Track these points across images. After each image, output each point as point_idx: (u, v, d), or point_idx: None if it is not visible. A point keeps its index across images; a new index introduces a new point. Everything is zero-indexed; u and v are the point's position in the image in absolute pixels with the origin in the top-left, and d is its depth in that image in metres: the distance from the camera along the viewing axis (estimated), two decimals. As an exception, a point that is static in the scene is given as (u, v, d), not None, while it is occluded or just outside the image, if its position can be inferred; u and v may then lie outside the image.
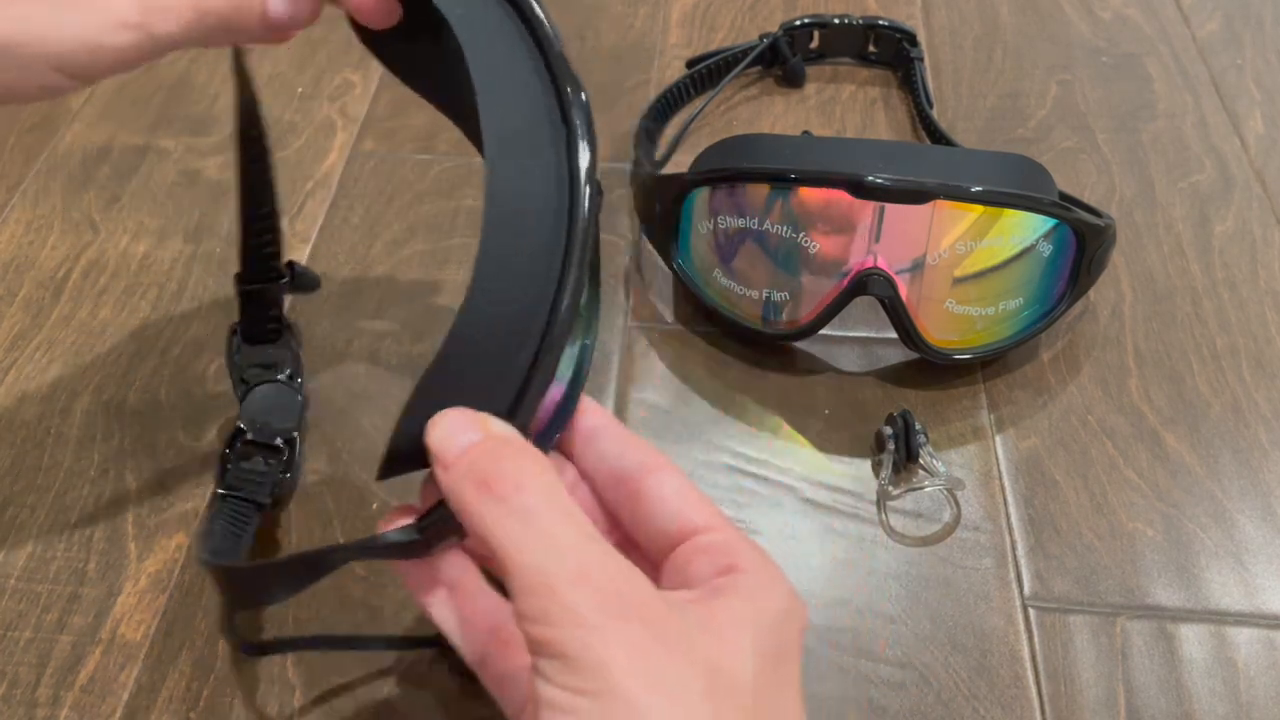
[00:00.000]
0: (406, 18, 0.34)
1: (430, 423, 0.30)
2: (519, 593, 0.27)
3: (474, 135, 0.32)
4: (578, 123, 0.31)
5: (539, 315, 0.30)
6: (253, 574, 0.37)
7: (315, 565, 0.33)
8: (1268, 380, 0.49)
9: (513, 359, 0.30)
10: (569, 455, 0.34)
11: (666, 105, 0.62)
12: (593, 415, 0.34)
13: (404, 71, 0.39)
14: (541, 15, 0.32)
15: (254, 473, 0.42)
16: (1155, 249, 0.55)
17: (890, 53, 0.66)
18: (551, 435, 0.33)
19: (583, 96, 0.31)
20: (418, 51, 0.36)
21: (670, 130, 0.62)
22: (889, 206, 0.44)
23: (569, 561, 0.27)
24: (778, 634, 0.28)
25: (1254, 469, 0.46)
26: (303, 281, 0.46)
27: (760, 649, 0.27)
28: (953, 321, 0.47)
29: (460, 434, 0.29)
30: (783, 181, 0.45)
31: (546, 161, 0.30)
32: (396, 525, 0.31)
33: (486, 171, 0.30)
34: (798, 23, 0.65)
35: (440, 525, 0.31)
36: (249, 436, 0.43)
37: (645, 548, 0.32)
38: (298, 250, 0.55)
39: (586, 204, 0.30)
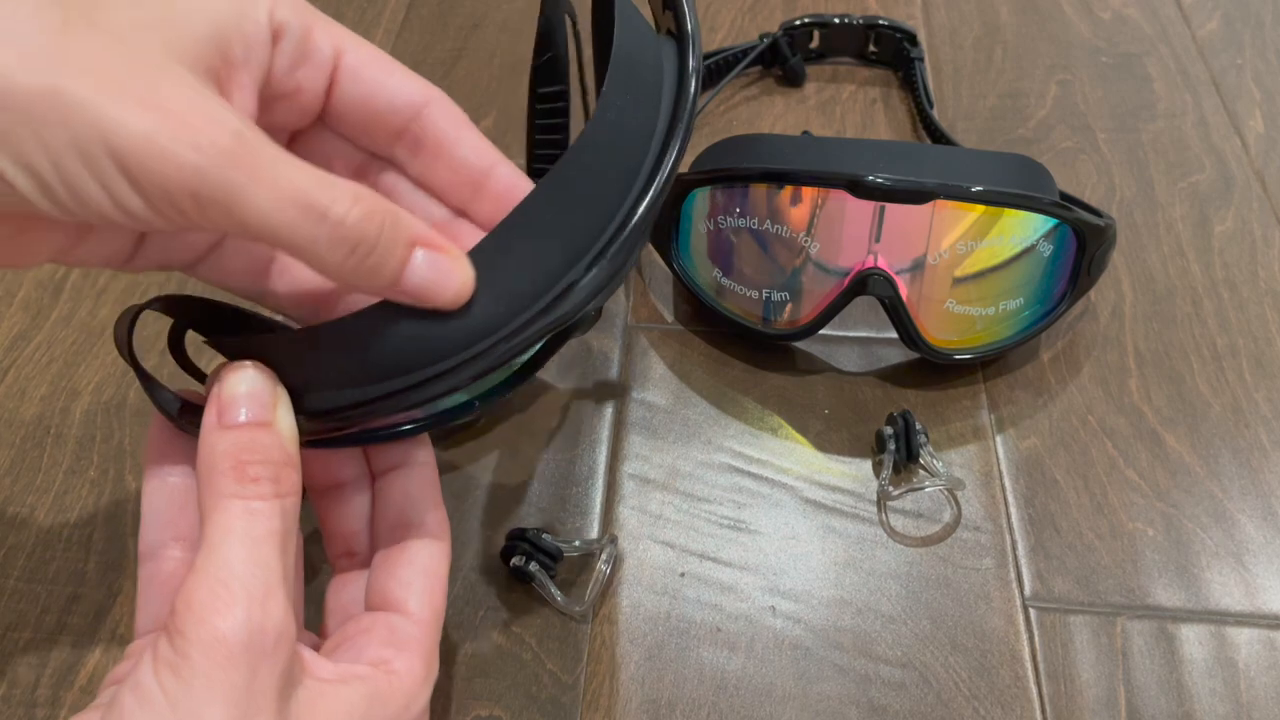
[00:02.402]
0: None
1: (228, 371, 0.30)
2: (198, 567, 0.27)
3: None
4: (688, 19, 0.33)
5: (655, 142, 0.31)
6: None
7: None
8: (1268, 380, 0.49)
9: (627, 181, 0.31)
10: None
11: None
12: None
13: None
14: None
15: None
16: (1155, 249, 0.55)
17: (890, 52, 0.66)
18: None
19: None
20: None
21: (670, 130, 0.62)
22: (889, 206, 0.44)
23: (257, 582, 0.27)
24: None
25: (1254, 469, 0.46)
26: None
27: None
28: (953, 321, 0.47)
29: (256, 404, 0.29)
30: (783, 181, 0.45)
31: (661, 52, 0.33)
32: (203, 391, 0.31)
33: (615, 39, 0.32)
34: (798, 22, 0.65)
35: (191, 424, 0.31)
36: None
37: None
38: (297, 250, 0.55)
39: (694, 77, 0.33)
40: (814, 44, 0.66)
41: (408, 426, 0.35)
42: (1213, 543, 0.43)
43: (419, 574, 0.33)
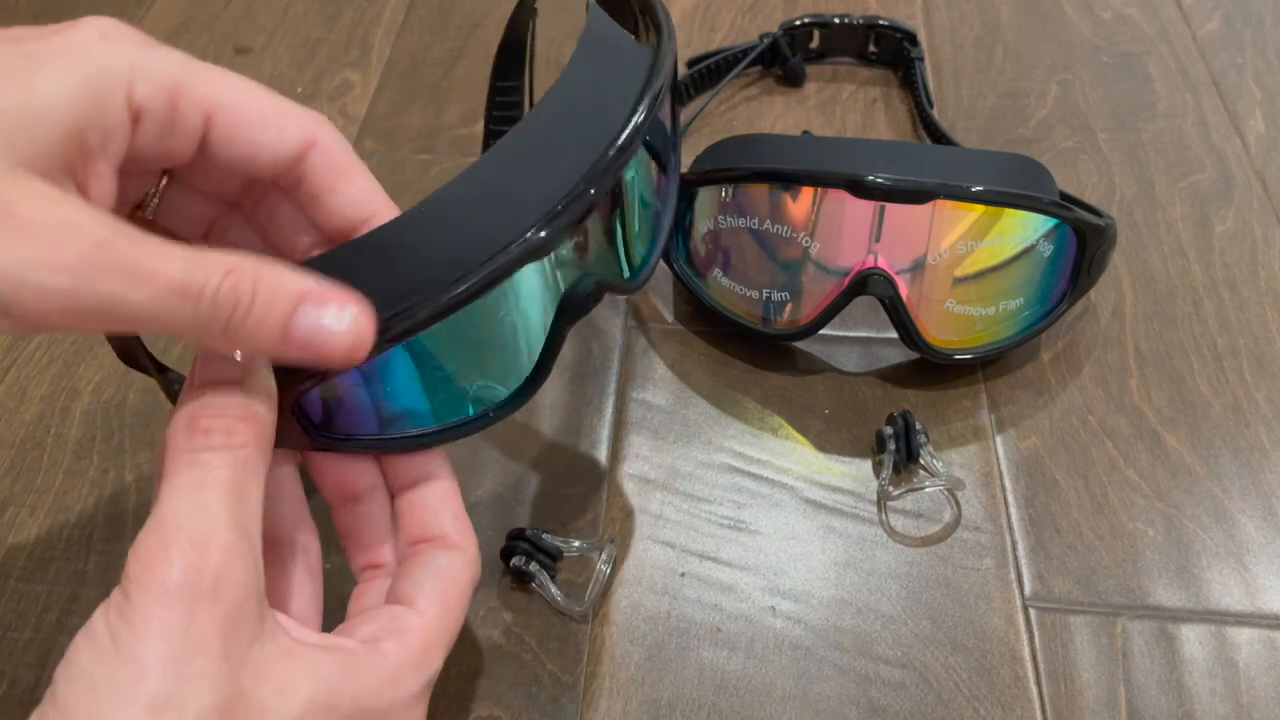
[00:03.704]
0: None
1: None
2: (149, 521, 0.28)
3: None
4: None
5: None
6: None
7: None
8: (1268, 380, 0.49)
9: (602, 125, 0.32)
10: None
11: (666, 105, 0.62)
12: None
13: None
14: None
15: None
16: (1155, 249, 0.55)
17: (890, 52, 0.66)
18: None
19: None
20: None
21: (670, 130, 0.62)
22: (889, 206, 0.44)
23: (196, 528, 0.27)
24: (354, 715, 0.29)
25: (1254, 469, 0.46)
26: None
27: (318, 709, 0.28)
28: (953, 321, 0.47)
29: (224, 364, 0.30)
30: (783, 181, 0.45)
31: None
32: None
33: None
34: (798, 22, 0.65)
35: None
36: None
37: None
38: (297, 250, 0.55)
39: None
40: (814, 44, 0.66)
41: (418, 434, 0.35)
42: (1213, 543, 0.43)
43: (432, 576, 0.33)
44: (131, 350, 0.34)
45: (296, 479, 0.35)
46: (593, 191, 0.31)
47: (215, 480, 0.28)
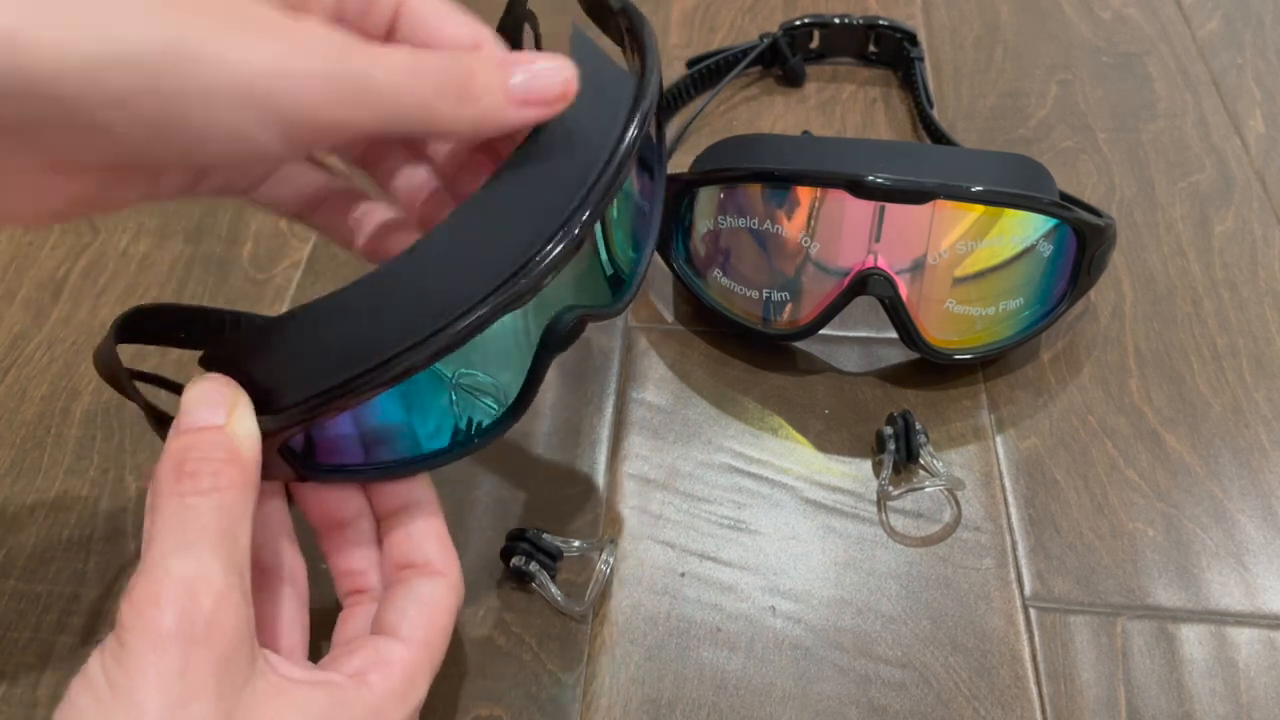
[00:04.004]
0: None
1: (191, 383, 0.31)
2: (141, 568, 0.28)
3: None
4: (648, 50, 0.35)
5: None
6: None
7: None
8: (1268, 380, 0.49)
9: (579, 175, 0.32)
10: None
11: (666, 105, 0.62)
12: None
13: None
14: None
15: None
16: (1155, 249, 0.55)
17: (890, 52, 0.66)
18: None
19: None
20: None
21: (670, 130, 0.62)
22: (889, 206, 0.44)
23: (187, 573, 0.28)
24: None
25: (1254, 469, 0.46)
26: None
27: None
28: (953, 321, 0.47)
29: (208, 409, 0.30)
30: (783, 181, 0.45)
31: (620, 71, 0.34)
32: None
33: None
34: (798, 23, 0.65)
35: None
36: None
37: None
38: (298, 249, 0.55)
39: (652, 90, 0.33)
40: (814, 44, 0.66)
41: (402, 462, 0.35)
42: (1213, 543, 0.43)
43: (414, 602, 0.34)
44: (115, 373, 0.34)
45: (284, 507, 0.36)
46: (576, 232, 0.31)
47: (203, 525, 0.29)
